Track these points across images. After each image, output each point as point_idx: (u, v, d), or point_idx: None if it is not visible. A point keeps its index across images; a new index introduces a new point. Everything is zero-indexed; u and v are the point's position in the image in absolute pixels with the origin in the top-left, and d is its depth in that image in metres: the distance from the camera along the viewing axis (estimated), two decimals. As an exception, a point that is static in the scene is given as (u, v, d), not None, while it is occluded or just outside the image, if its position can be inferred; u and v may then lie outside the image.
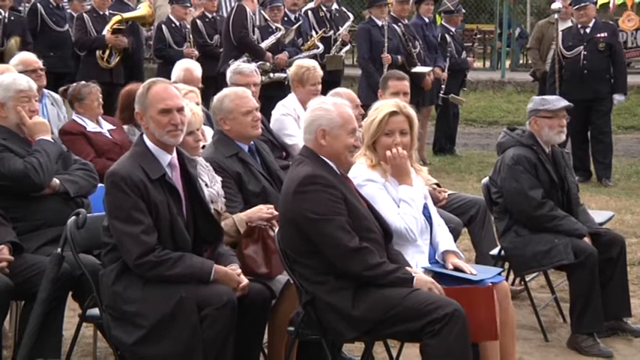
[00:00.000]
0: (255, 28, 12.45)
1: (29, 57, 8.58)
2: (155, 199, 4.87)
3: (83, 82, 8.14)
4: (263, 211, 5.56)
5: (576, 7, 12.27)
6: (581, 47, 12.07)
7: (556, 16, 12.90)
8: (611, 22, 13.73)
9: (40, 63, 8.48)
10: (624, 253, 6.63)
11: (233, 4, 14.13)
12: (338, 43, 13.39)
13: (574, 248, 6.37)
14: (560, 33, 12.36)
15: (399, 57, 12.38)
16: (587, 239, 6.47)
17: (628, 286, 6.73)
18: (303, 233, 4.90)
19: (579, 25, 12.24)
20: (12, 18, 12.68)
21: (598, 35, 12.09)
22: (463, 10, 14.42)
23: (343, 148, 5.05)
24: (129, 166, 4.90)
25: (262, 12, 12.88)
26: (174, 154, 5.06)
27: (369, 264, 4.84)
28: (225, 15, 14.25)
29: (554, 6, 12.92)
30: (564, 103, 6.71)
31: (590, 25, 12.17)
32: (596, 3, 14.44)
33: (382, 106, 5.48)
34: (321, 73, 8.33)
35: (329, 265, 4.89)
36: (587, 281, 6.35)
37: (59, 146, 5.99)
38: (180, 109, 5.03)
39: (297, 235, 4.93)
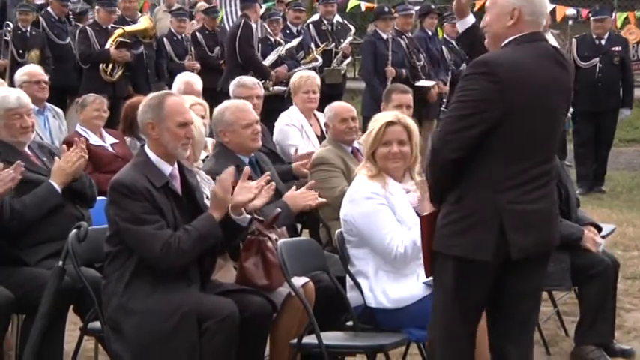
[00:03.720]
0: (258, 42, 12.52)
1: (35, 69, 8.69)
2: (160, 204, 4.90)
3: (92, 94, 8.23)
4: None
5: (595, 17, 12.29)
6: (597, 59, 12.07)
7: (570, 22, 12.87)
8: (623, 36, 13.74)
9: (45, 76, 8.58)
10: (615, 278, 6.58)
11: (235, 17, 14.18)
12: (339, 56, 13.38)
13: (590, 259, 6.26)
14: (575, 41, 12.33)
15: (404, 70, 12.37)
16: (590, 232, 6.37)
17: (615, 311, 6.62)
18: None
19: (594, 36, 12.24)
20: (33, 33, 12.77)
21: (613, 49, 12.11)
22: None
23: None
24: (133, 175, 4.93)
25: (264, 24, 12.93)
26: (175, 165, 5.08)
27: None
28: (227, 27, 14.27)
29: (569, 12, 12.89)
30: None
31: (605, 37, 12.19)
32: (615, 18, 14.46)
33: (380, 118, 5.50)
34: (318, 82, 8.40)
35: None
36: (601, 291, 6.25)
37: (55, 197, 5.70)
38: (192, 123, 5.15)
39: None
